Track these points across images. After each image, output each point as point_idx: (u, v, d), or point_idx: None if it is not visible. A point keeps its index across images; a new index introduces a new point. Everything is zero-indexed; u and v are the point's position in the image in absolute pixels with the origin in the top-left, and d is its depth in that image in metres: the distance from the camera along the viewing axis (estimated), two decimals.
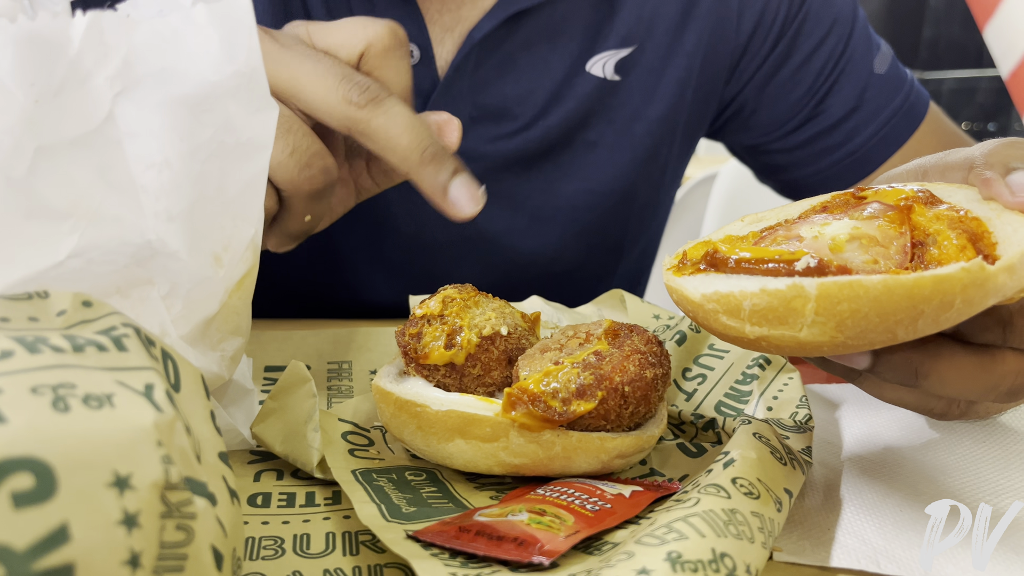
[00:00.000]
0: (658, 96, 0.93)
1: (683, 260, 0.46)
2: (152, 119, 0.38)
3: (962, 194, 0.45)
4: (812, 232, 0.43)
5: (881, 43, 0.98)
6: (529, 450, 0.47)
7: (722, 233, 0.50)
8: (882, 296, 0.37)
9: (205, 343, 0.47)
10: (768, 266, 0.40)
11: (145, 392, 0.31)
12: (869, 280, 0.37)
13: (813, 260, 0.39)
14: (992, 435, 0.58)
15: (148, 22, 0.37)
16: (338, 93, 0.56)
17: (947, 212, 0.42)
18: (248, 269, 0.48)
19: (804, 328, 0.38)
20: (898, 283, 0.36)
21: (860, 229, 0.42)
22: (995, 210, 0.42)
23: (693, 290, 0.42)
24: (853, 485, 0.51)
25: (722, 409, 0.59)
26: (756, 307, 0.39)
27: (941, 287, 0.36)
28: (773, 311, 0.39)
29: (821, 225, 0.43)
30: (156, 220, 0.39)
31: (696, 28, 0.92)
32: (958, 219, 0.42)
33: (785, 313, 0.38)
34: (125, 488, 0.28)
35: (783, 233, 0.45)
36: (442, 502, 0.47)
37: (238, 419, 0.54)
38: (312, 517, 0.47)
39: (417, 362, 0.52)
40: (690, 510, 0.39)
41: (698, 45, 0.93)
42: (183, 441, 0.31)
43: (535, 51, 0.89)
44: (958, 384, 0.42)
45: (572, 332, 0.54)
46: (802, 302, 0.38)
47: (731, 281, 0.41)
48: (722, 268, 0.43)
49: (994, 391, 0.43)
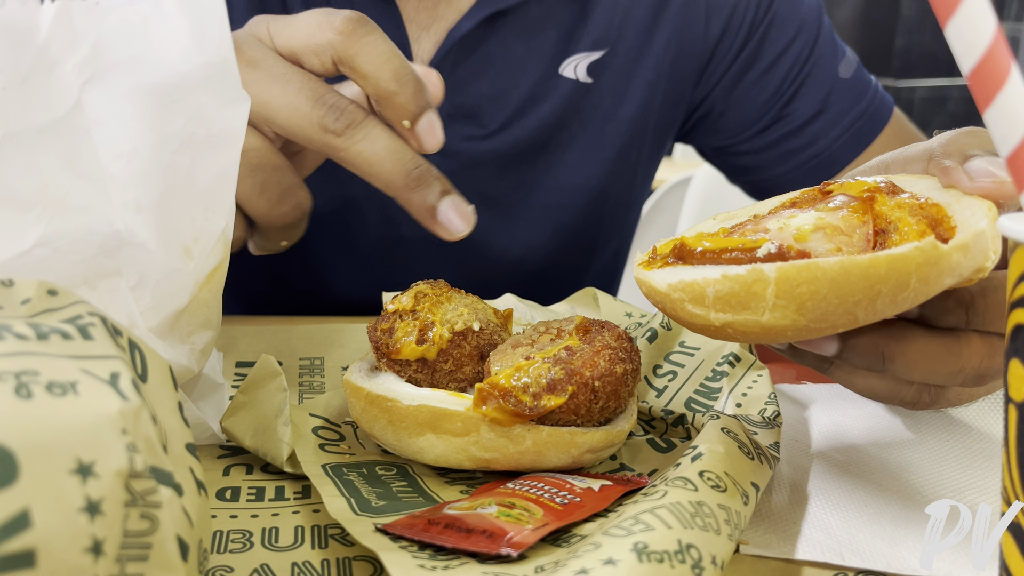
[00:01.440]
0: (628, 98, 0.94)
1: (653, 255, 0.46)
2: (121, 108, 0.38)
3: (923, 183, 0.47)
4: (778, 224, 0.44)
5: (846, 49, 1.00)
6: (500, 444, 0.47)
7: (694, 231, 0.50)
8: (839, 277, 0.37)
9: (174, 336, 0.47)
10: (732, 254, 0.41)
11: (110, 380, 0.30)
12: (826, 262, 0.38)
13: (773, 246, 0.40)
14: (955, 434, 0.59)
15: (117, 10, 0.37)
16: (312, 119, 0.55)
17: (908, 200, 0.44)
18: (219, 262, 0.48)
19: (766, 312, 0.39)
20: (854, 264, 0.37)
21: (824, 219, 0.43)
22: (954, 196, 0.44)
23: (660, 281, 0.43)
24: (819, 481, 0.52)
25: (692, 405, 0.59)
26: (719, 293, 0.40)
27: (896, 266, 0.37)
28: (735, 296, 0.39)
29: (788, 218, 0.44)
30: (124, 210, 0.39)
31: (665, 31, 0.94)
32: (918, 206, 0.43)
33: (747, 298, 0.39)
34: (88, 475, 0.27)
35: (751, 227, 0.45)
36: (412, 496, 0.47)
37: (208, 413, 0.53)
38: (281, 511, 0.47)
39: (389, 357, 0.52)
40: (657, 502, 0.39)
41: (667, 48, 0.94)
42: (149, 430, 0.31)
43: (512, 52, 0.89)
44: (924, 367, 0.43)
45: (544, 328, 0.54)
46: (762, 286, 0.38)
47: (696, 270, 0.41)
48: (689, 260, 0.43)
49: (960, 374, 0.43)
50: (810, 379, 0.71)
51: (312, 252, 0.93)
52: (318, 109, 0.55)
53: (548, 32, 0.90)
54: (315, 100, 0.56)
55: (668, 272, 0.43)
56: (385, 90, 0.57)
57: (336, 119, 0.56)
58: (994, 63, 0.31)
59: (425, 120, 0.58)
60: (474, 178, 0.90)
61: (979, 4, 0.30)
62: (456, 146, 0.90)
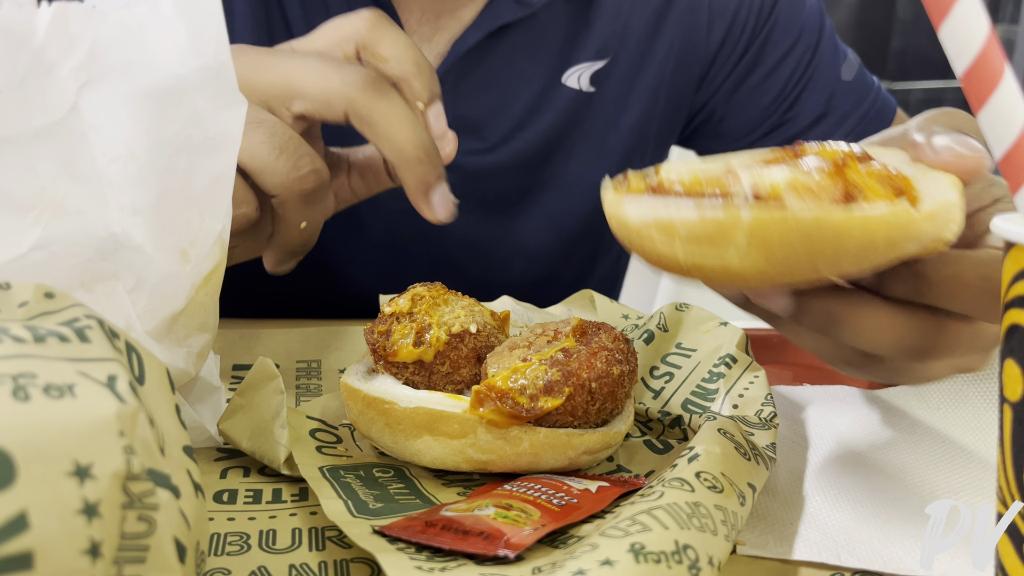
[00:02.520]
0: (631, 105, 0.94)
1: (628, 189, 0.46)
2: (117, 111, 0.38)
3: (894, 156, 0.47)
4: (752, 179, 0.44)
5: (848, 51, 1.00)
6: (497, 446, 0.47)
7: None
8: (812, 230, 0.38)
9: (171, 339, 0.47)
10: (709, 195, 0.41)
11: (108, 383, 0.31)
12: (802, 212, 0.38)
13: (750, 193, 0.40)
14: (953, 434, 0.59)
15: (114, 13, 0.37)
16: (338, 76, 0.57)
17: (878, 169, 0.45)
18: (215, 265, 0.48)
19: (736, 256, 0.39)
20: (828, 219, 0.38)
21: (798, 179, 0.44)
22: (921, 170, 0.45)
23: (634, 216, 0.42)
24: (816, 482, 0.52)
25: (689, 407, 0.59)
26: (692, 233, 0.40)
27: (868, 226, 0.38)
28: (708, 237, 0.39)
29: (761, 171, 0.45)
30: (121, 213, 0.39)
31: (667, 38, 0.94)
32: (887, 176, 0.44)
33: (719, 240, 0.39)
34: (86, 477, 0.27)
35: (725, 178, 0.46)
36: (409, 498, 0.47)
37: (205, 416, 0.53)
38: (278, 513, 0.47)
39: (386, 360, 0.52)
40: (654, 503, 0.39)
41: (669, 54, 0.94)
42: (146, 432, 0.31)
43: (515, 64, 0.89)
44: (870, 336, 0.43)
45: (541, 330, 0.54)
46: (734, 229, 0.39)
47: (670, 207, 0.41)
48: (664, 195, 0.43)
49: (902, 347, 0.44)
50: (807, 381, 0.71)
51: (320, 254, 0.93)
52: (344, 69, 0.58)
53: (551, 43, 0.90)
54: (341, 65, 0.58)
55: (641, 205, 0.42)
56: (405, 71, 0.60)
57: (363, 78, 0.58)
58: (987, 65, 0.31)
59: (436, 107, 0.62)
60: (476, 189, 0.91)
61: (972, 6, 0.30)
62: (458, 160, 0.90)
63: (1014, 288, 0.34)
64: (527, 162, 0.93)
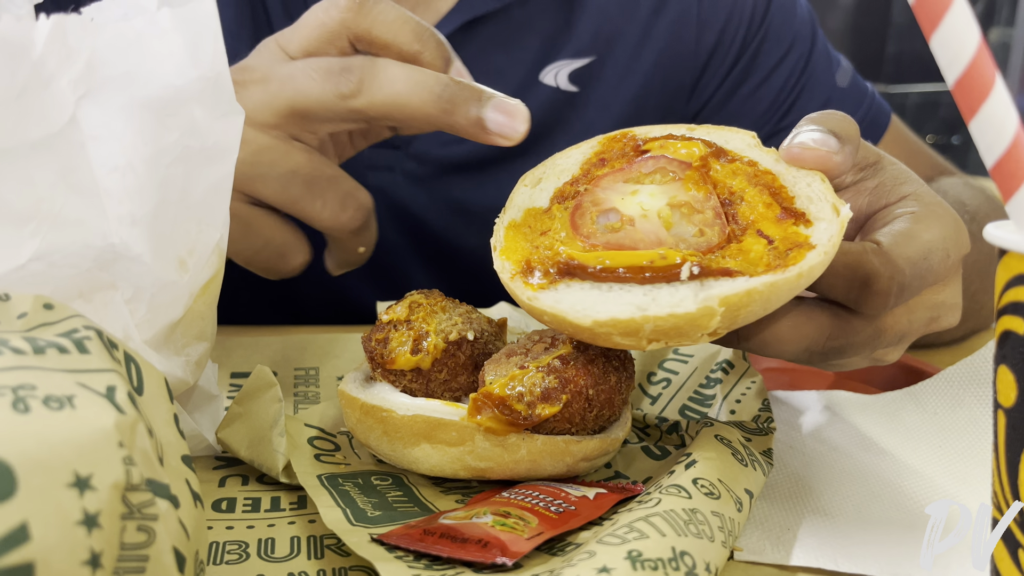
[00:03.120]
0: (615, 108, 0.95)
1: (526, 267, 0.46)
2: (116, 122, 0.38)
3: (739, 140, 0.50)
4: (629, 207, 0.46)
5: (841, 58, 1.01)
6: (495, 454, 0.48)
7: (518, 210, 0.51)
8: (771, 295, 0.40)
9: (169, 347, 0.47)
10: (646, 275, 0.42)
11: (107, 394, 0.31)
12: (762, 283, 0.40)
13: (696, 268, 0.41)
14: (948, 439, 0.59)
15: (112, 26, 0.37)
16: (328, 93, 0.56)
17: (741, 167, 0.47)
18: (213, 274, 0.48)
19: (703, 336, 0.42)
20: (783, 280, 0.40)
21: (676, 198, 0.45)
22: (778, 160, 0.47)
23: (579, 316, 0.42)
24: (813, 487, 0.52)
25: (686, 412, 0.60)
26: (660, 328, 0.41)
27: (812, 273, 0.41)
28: (677, 329, 0.41)
29: (631, 195, 0.46)
30: (119, 224, 0.39)
31: (656, 45, 0.94)
32: (753, 174, 0.46)
33: (689, 329, 0.41)
34: (85, 488, 0.28)
35: (593, 208, 0.47)
36: (407, 506, 0.47)
37: (203, 424, 0.54)
38: (277, 521, 0.47)
39: (384, 367, 0.52)
40: (651, 510, 0.39)
41: (657, 61, 0.95)
42: (145, 443, 0.31)
43: (489, 58, 0.89)
44: (775, 347, 0.46)
45: (538, 337, 0.54)
46: (709, 318, 0.40)
47: (620, 302, 0.42)
48: (582, 276, 0.44)
49: (807, 352, 0.46)
50: (804, 385, 0.71)
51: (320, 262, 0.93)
52: (328, 82, 0.56)
53: (529, 40, 0.91)
54: (323, 74, 0.57)
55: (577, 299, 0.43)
56: (409, 52, 0.58)
57: (347, 82, 0.56)
58: (978, 74, 0.31)
59: (456, 68, 0.59)
60: (451, 184, 0.91)
61: (963, 16, 0.31)
62: (431, 151, 0.90)
63: (1007, 295, 0.34)
64: (502, 157, 0.92)
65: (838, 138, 0.47)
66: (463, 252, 0.95)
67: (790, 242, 0.42)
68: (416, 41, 0.57)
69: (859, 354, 0.48)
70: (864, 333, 0.46)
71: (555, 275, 0.45)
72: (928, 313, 0.49)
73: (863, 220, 0.51)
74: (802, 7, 1.00)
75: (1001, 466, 0.35)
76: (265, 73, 0.57)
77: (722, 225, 0.44)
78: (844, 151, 0.47)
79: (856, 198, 0.51)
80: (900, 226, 0.47)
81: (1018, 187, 0.32)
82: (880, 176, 0.51)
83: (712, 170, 0.47)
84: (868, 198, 0.50)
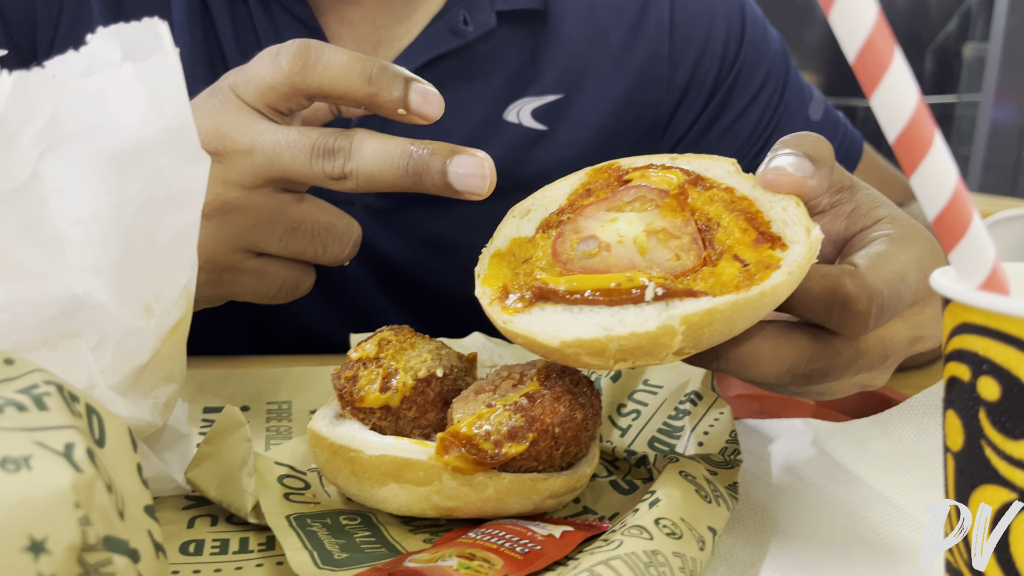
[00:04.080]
0: (583, 147, 0.94)
1: (503, 293, 0.47)
2: (79, 174, 0.39)
3: (719, 168, 0.51)
4: (607, 234, 0.47)
5: (813, 89, 1.02)
6: (462, 493, 0.48)
7: (504, 239, 0.53)
8: (733, 314, 0.41)
9: (137, 391, 0.47)
10: (614, 297, 0.43)
11: (65, 452, 0.31)
12: (723, 303, 0.41)
13: (660, 290, 0.42)
14: (912, 469, 0.60)
15: (75, 81, 0.38)
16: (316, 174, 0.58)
17: (719, 194, 0.48)
18: (181, 316, 0.48)
19: (668, 355, 0.42)
20: (746, 300, 0.41)
21: (653, 224, 0.46)
22: (755, 186, 0.48)
23: (548, 337, 0.44)
24: (778, 520, 0.53)
25: (655, 445, 0.60)
26: (624, 347, 0.42)
27: (777, 293, 0.42)
28: (641, 348, 0.42)
29: (610, 222, 0.47)
30: (83, 274, 0.40)
31: (625, 82, 0.95)
32: (730, 200, 0.47)
33: (653, 348, 0.42)
34: (40, 552, 0.28)
35: (574, 236, 0.48)
36: (375, 547, 0.48)
37: (172, 464, 0.54)
38: (245, 564, 0.47)
39: (353, 405, 0.52)
40: (612, 553, 0.40)
41: (628, 101, 0.95)
42: (104, 500, 0.32)
43: (452, 95, 0.90)
44: (754, 369, 0.46)
45: (507, 373, 0.55)
46: (670, 337, 0.41)
47: (586, 323, 0.43)
48: (555, 299, 0.45)
49: (788, 374, 0.46)
50: (774, 413, 0.72)
51: None
52: (315, 164, 0.58)
53: (493, 76, 0.90)
54: (308, 155, 0.58)
55: (547, 322, 0.44)
56: (365, 97, 0.58)
57: (333, 166, 0.58)
58: (918, 131, 0.32)
59: (415, 96, 0.59)
60: (413, 216, 0.91)
61: (902, 75, 0.32)
62: None
63: (953, 342, 0.35)
64: None
65: (812, 161, 0.48)
66: (428, 284, 0.95)
67: (763, 265, 0.43)
68: (367, 85, 0.58)
69: (842, 376, 0.48)
70: (846, 354, 0.47)
71: (530, 299, 0.46)
72: (910, 333, 0.49)
73: (841, 244, 0.52)
74: (774, 40, 1.01)
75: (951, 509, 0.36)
76: (249, 145, 0.58)
77: (698, 250, 0.45)
78: (819, 174, 0.48)
79: (833, 223, 0.52)
80: (877, 248, 0.48)
81: (959, 239, 0.33)
82: (856, 200, 0.52)
83: (690, 197, 0.48)
84: (845, 222, 0.52)
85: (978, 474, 0.33)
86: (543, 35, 0.92)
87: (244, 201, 0.60)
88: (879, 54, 0.31)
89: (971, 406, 0.33)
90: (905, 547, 0.50)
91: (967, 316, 0.33)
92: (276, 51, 0.59)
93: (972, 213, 0.33)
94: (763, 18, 1.02)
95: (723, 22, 0.97)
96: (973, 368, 0.33)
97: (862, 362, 0.48)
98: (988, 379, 0.32)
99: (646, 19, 0.95)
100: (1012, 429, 0.31)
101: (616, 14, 0.94)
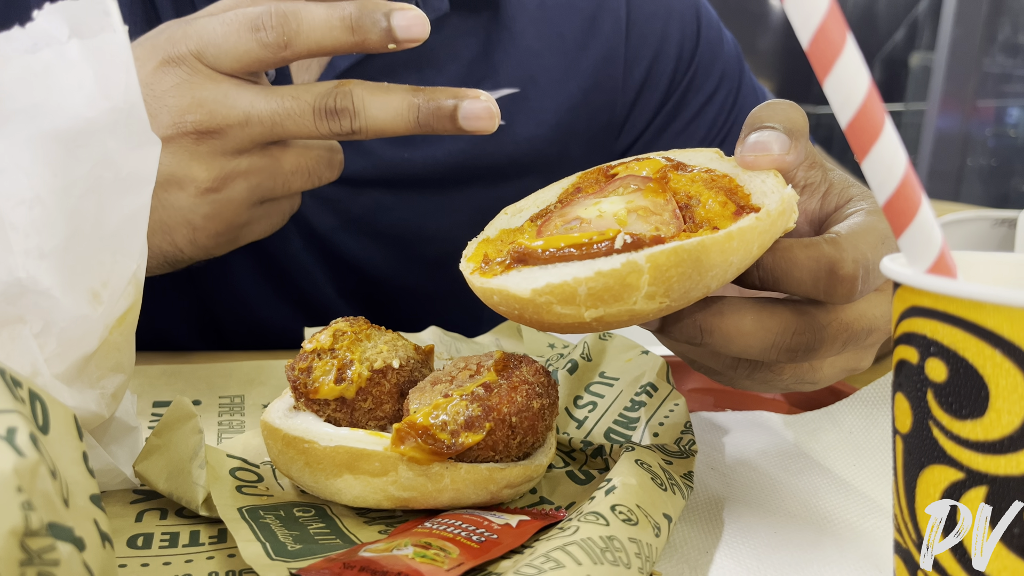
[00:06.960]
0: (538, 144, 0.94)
1: (485, 262, 0.47)
2: (22, 155, 0.37)
3: (702, 156, 0.51)
4: (591, 213, 0.47)
5: (765, 91, 1.04)
6: (418, 483, 0.48)
7: (495, 229, 0.53)
8: (701, 255, 0.41)
9: (83, 381, 0.46)
10: (586, 250, 0.43)
11: (7, 436, 0.30)
12: (689, 243, 0.41)
13: (628, 237, 0.42)
14: (862, 458, 0.61)
15: (19, 58, 0.37)
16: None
17: (700, 174, 0.48)
18: (130, 305, 0.47)
19: (639, 300, 0.42)
20: (712, 240, 0.41)
21: (633, 202, 0.46)
22: (736, 166, 0.49)
23: (521, 287, 0.43)
24: (732, 509, 0.53)
25: (611, 436, 0.60)
26: (593, 290, 0.41)
27: (744, 237, 0.42)
28: (609, 290, 0.41)
29: (595, 205, 0.47)
30: (26, 257, 0.38)
31: (581, 84, 0.95)
32: (711, 179, 0.48)
33: (621, 290, 0.41)
34: None
35: (559, 220, 0.48)
36: (329, 538, 0.47)
37: (120, 457, 0.52)
38: (195, 557, 0.46)
39: (307, 397, 0.51)
40: (568, 538, 0.40)
41: (583, 100, 0.95)
42: (47, 485, 0.31)
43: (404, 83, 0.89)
44: (739, 341, 0.46)
45: (464, 364, 0.55)
46: (637, 276, 0.41)
47: (557, 271, 0.43)
48: (533, 261, 0.45)
49: (774, 349, 0.46)
50: (729, 406, 0.73)
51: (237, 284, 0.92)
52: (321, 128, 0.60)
53: (446, 66, 0.90)
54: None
55: (522, 277, 0.44)
56: (352, 46, 0.59)
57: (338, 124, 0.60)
58: (869, 117, 0.33)
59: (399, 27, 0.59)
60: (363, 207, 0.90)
61: (854, 62, 0.32)
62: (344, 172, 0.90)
63: (902, 325, 0.35)
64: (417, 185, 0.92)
65: (789, 134, 0.48)
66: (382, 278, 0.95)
67: None
68: (352, 35, 0.59)
69: (829, 352, 0.48)
70: (831, 328, 0.47)
71: (508, 263, 0.46)
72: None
73: (818, 224, 0.53)
74: (728, 43, 1.03)
75: (900, 489, 0.36)
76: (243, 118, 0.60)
77: (678, 223, 0.45)
78: (796, 148, 0.48)
79: (808, 201, 0.53)
80: (856, 219, 0.49)
81: (908, 223, 0.34)
82: (828, 179, 0.53)
83: (672, 180, 0.48)
84: (820, 201, 0.52)
85: (926, 455, 0.34)
86: (495, 29, 0.92)
87: (244, 166, 0.62)
88: (832, 40, 0.32)
89: (919, 388, 0.34)
90: (855, 532, 0.51)
91: (916, 299, 0.34)
92: (251, 23, 0.58)
93: (921, 198, 0.33)
94: (718, 20, 1.04)
95: (679, 22, 0.98)
96: (921, 350, 0.34)
97: (847, 335, 0.47)
98: (936, 360, 0.33)
99: (602, 18, 0.95)
100: (959, 409, 0.32)
101: (569, 12, 0.95)
